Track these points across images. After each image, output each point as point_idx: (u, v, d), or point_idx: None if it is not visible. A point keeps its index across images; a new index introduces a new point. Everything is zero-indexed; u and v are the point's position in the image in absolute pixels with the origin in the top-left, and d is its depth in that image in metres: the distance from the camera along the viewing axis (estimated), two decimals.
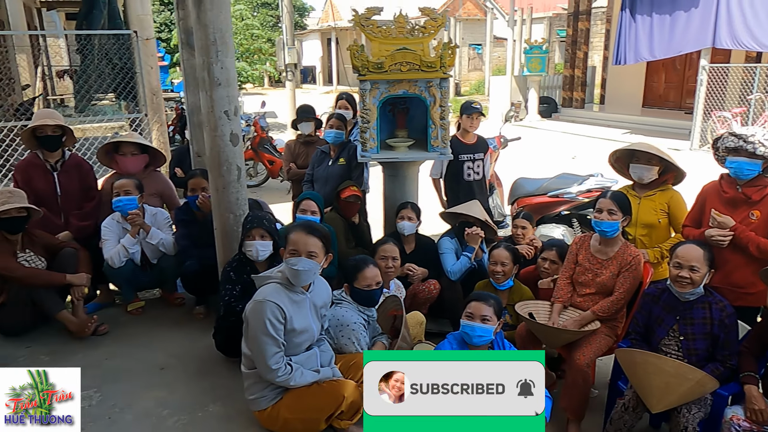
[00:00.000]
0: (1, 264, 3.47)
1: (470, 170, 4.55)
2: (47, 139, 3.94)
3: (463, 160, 4.53)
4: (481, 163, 4.56)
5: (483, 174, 4.61)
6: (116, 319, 3.88)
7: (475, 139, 4.63)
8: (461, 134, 4.60)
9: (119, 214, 3.84)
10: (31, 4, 16.82)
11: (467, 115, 4.53)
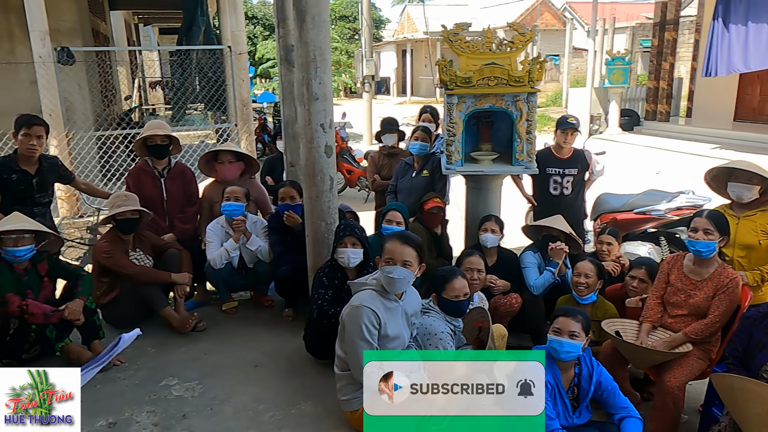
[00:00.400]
0: (117, 262, 3.80)
1: (557, 185, 4.51)
2: (157, 148, 4.28)
3: (550, 173, 4.50)
4: (572, 179, 4.48)
5: (575, 190, 4.52)
6: (212, 317, 4.14)
7: (570, 154, 4.52)
8: (555, 148, 4.55)
9: (224, 218, 4.11)
10: (130, 19, 18.07)
11: (561, 131, 4.46)
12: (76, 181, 4.46)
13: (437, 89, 28.03)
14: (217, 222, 4.17)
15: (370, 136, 14.84)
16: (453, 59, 4.23)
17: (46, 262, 3.53)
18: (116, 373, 3.40)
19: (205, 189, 4.57)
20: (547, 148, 4.62)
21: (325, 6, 3.46)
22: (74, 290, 3.51)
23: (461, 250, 4.30)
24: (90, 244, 5.36)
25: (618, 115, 15.15)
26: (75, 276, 3.59)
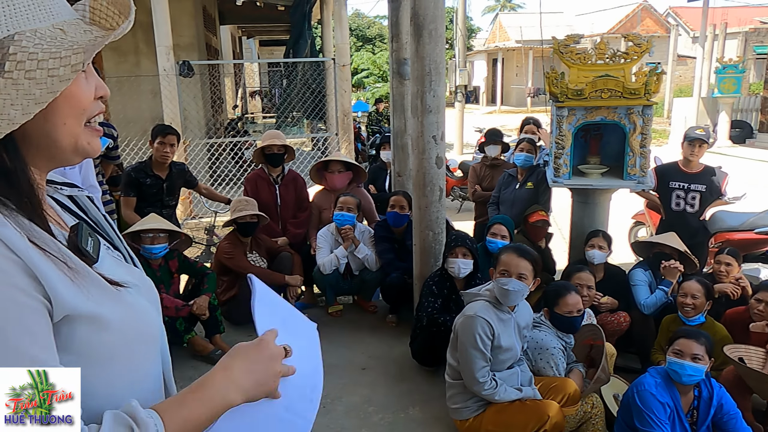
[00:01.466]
0: (237, 262, 4.07)
1: (680, 200, 4.32)
2: (273, 157, 4.55)
3: (673, 188, 4.31)
4: (698, 195, 4.28)
5: (701, 207, 4.32)
6: (319, 319, 4.31)
7: (700, 169, 4.31)
8: (683, 162, 4.36)
9: (334, 225, 4.30)
10: (236, 33, 19.16)
11: (689, 143, 4.26)
12: (199, 186, 4.83)
13: (528, 98, 27.52)
14: (328, 229, 4.36)
15: (461, 145, 14.83)
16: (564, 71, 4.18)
17: (177, 259, 3.85)
18: None
19: (314, 196, 4.79)
20: (674, 161, 4.44)
21: (441, 21, 3.56)
22: (200, 287, 3.81)
23: (567, 265, 4.24)
24: (207, 244, 5.74)
25: (728, 127, 14.21)
26: (201, 274, 3.89)
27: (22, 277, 0.68)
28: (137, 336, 0.84)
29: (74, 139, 0.79)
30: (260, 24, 16.63)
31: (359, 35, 37.84)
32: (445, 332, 3.15)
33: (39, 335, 0.68)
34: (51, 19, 0.73)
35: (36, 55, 0.68)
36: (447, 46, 29.41)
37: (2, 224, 0.69)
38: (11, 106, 0.68)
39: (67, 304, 0.71)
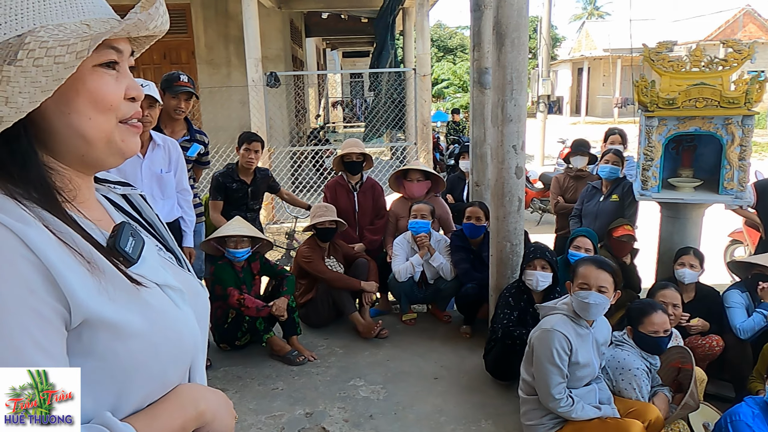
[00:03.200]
0: (315, 267, 4.18)
1: None
2: (352, 164, 4.64)
3: None
4: None
5: None
6: (393, 326, 4.35)
7: None
8: None
9: (410, 233, 4.32)
10: (320, 45, 19.75)
11: None
12: (281, 192, 5.00)
13: (616, 109, 26.44)
14: (404, 237, 4.39)
15: (542, 156, 14.48)
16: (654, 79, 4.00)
17: (259, 261, 4.00)
18: (311, 368, 3.73)
19: (392, 204, 4.84)
20: None
21: (524, 30, 3.51)
22: (280, 289, 3.94)
23: (653, 283, 4.03)
24: (287, 248, 5.94)
25: None
26: (281, 276, 4.02)
27: (38, 280, 0.66)
28: (166, 343, 0.80)
29: (105, 135, 0.78)
30: (344, 36, 17.06)
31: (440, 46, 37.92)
32: (520, 345, 3.08)
33: (44, 343, 0.66)
34: (80, 16, 0.74)
35: (46, 43, 0.68)
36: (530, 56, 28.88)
37: (26, 222, 0.68)
38: (19, 94, 0.68)
39: (85, 309, 0.69)
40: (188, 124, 3.89)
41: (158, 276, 0.83)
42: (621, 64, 26.67)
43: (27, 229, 0.67)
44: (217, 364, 3.76)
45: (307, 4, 10.33)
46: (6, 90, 0.67)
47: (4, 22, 0.69)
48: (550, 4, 14.50)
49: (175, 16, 9.37)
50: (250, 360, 3.80)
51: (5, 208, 0.68)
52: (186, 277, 0.93)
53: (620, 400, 2.80)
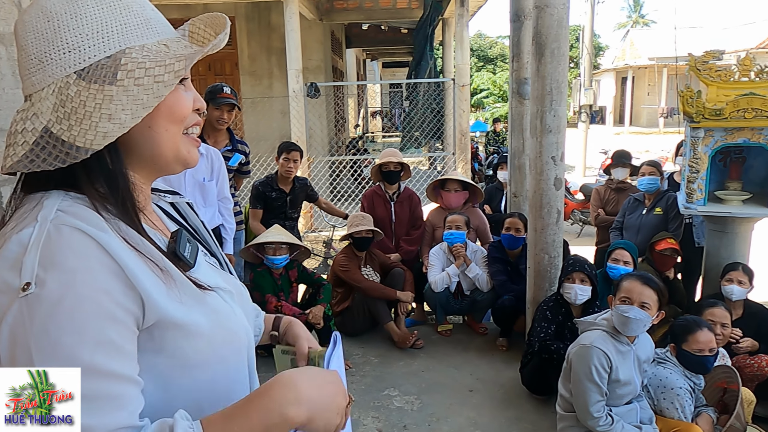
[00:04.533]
0: (351, 275, 4.20)
1: None
2: (390, 174, 4.66)
3: None
4: None
5: None
6: (428, 337, 4.33)
7: None
8: None
9: (446, 244, 4.31)
10: (360, 56, 19.95)
11: None
12: (319, 201, 5.06)
13: (661, 119, 25.76)
14: (440, 247, 4.37)
15: (584, 167, 14.22)
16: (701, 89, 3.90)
17: (296, 269, 4.06)
18: (346, 376, 3.73)
19: (429, 214, 4.83)
20: None
21: (565, 40, 3.47)
22: (316, 297, 3.98)
23: (699, 299, 3.90)
24: (325, 256, 5.99)
25: None
26: (318, 284, 4.07)
27: (115, 283, 0.71)
28: (225, 342, 0.85)
29: (175, 146, 0.84)
30: (384, 47, 17.20)
31: (480, 55, 37.77)
32: (557, 360, 3.03)
33: (118, 341, 0.70)
34: (156, 37, 0.81)
35: (144, 64, 0.75)
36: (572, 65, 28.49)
37: (103, 229, 0.73)
38: (122, 111, 0.74)
39: (159, 310, 0.75)
40: (230, 135, 3.98)
41: (211, 279, 0.88)
42: (667, 73, 26.00)
43: (105, 236, 0.72)
44: None
45: (348, 15, 10.47)
46: (110, 108, 0.74)
47: (93, 44, 0.75)
48: (593, 13, 14.28)
49: None
50: None
51: (86, 218, 0.73)
52: (231, 279, 0.99)
53: (662, 420, 2.71)
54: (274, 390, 0.76)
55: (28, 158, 0.74)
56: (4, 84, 2.80)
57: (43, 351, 0.66)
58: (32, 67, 0.76)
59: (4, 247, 0.71)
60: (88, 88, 0.74)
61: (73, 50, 0.75)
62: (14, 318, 0.67)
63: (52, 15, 0.75)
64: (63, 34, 0.75)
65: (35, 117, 0.76)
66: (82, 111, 0.74)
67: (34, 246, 0.69)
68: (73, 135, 0.74)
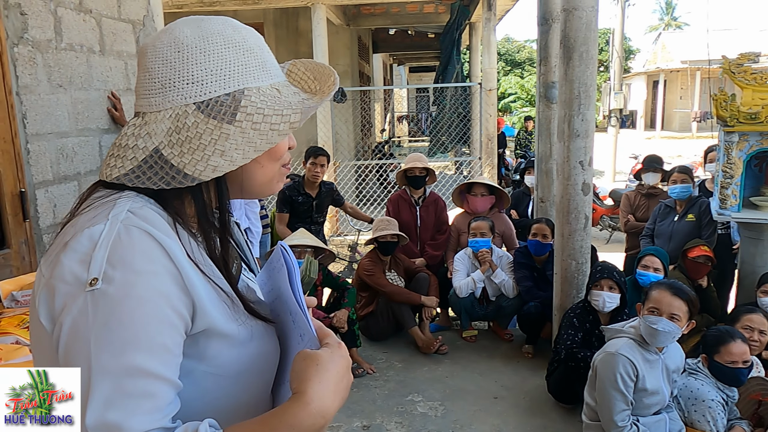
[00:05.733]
0: (376, 280, 4.20)
1: None
2: (415, 179, 4.65)
3: None
4: None
5: None
6: (453, 342, 4.30)
7: None
8: None
9: (470, 249, 4.28)
10: (387, 60, 20.00)
11: None
12: (345, 205, 5.08)
13: (695, 123, 25.19)
14: (465, 252, 4.34)
15: (613, 172, 13.99)
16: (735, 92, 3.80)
17: (321, 273, 4.07)
18: (369, 381, 3.74)
19: (455, 218, 4.81)
20: None
21: (594, 43, 3.42)
22: (341, 301, 3.99)
23: (734, 307, 3.79)
24: (350, 260, 6.00)
25: None
26: (342, 288, 4.07)
27: (174, 288, 0.74)
28: (261, 353, 0.87)
29: (268, 180, 0.89)
30: (411, 51, 17.22)
31: (508, 59, 37.51)
32: (584, 368, 2.97)
33: (170, 344, 0.73)
34: (270, 80, 0.84)
35: (263, 110, 0.80)
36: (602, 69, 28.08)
37: (168, 234, 0.76)
38: (235, 150, 0.78)
39: (210, 319, 0.77)
40: None
41: (248, 294, 0.90)
42: (700, 76, 25.43)
43: (170, 241, 0.76)
44: None
45: (375, 20, 10.51)
46: (224, 145, 0.78)
47: (215, 80, 0.80)
48: (624, 16, 14.06)
49: None
50: None
51: (154, 222, 0.76)
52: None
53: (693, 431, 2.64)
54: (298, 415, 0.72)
55: (135, 174, 0.79)
56: (40, 90, 2.88)
57: (100, 345, 0.69)
58: (154, 89, 0.81)
59: (75, 239, 0.73)
60: (207, 122, 0.78)
61: (196, 83, 0.79)
62: (79, 310, 0.69)
63: (183, 47, 0.80)
64: (190, 67, 0.79)
65: (148, 137, 0.80)
66: (197, 142, 0.78)
67: (104, 243, 0.72)
68: (183, 162, 0.78)
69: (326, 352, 0.78)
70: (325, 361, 0.76)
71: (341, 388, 0.77)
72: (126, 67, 3.76)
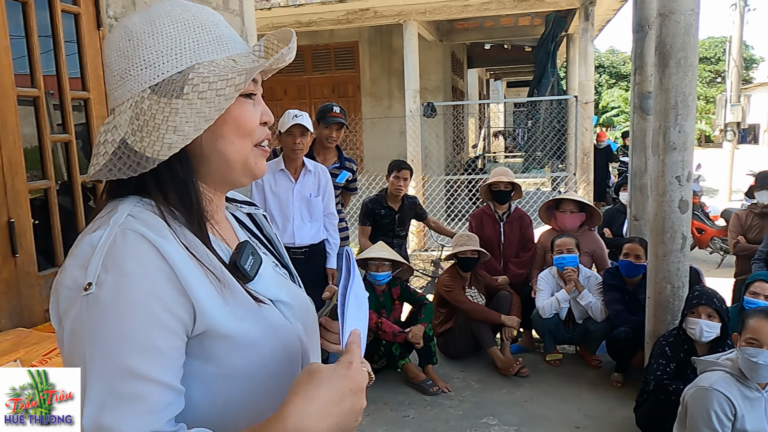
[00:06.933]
0: (455, 296, 4.11)
1: None
2: (500, 194, 4.52)
3: None
4: None
5: None
6: (535, 365, 4.10)
7: None
8: None
9: (555, 268, 4.08)
10: (483, 76, 19.83)
11: None
12: (428, 219, 5.04)
13: None
14: (549, 271, 4.15)
15: (729, 191, 12.87)
16: None
17: (399, 287, 4.05)
18: (444, 399, 3.65)
19: (541, 236, 4.62)
20: None
21: (693, 49, 3.17)
22: (418, 316, 3.94)
23: None
24: (432, 276, 5.94)
25: None
26: (420, 303, 4.03)
27: (170, 290, 0.73)
28: (278, 356, 0.84)
29: (243, 158, 0.86)
30: (508, 66, 16.94)
31: (612, 72, 35.91)
32: (675, 402, 2.70)
33: (163, 347, 0.72)
34: (226, 53, 0.83)
35: (208, 78, 0.78)
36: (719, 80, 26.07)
37: (164, 236, 0.75)
38: (186, 123, 0.77)
39: (210, 320, 0.75)
40: (339, 153, 4.10)
41: (271, 292, 0.89)
42: None
43: (165, 242, 0.75)
44: None
45: (468, 35, 10.46)
46: (175, 120, 0.78)
47: (167, 61, 0.80)
48: (743, 22, 12.98)
49: (344, 54, 10.11)
50: (385, 384, 3.83)
51: (150, 224, 0.76)
52: (297, 292, 0.98)
53: None
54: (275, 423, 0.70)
55: (107, 167, 0.80)
56: None
57: (92, 348, 0.70)
58: (115, 82, 0.82)
59: (77, 246, 0.76)
60: (158, 101, 0.78)
61: (149, 66, 0.79)
62: (76, 314, 0.71)
63: (133, 34, 0.81)
64: (141, 52, 0.80)
65: (115, 129, 0.81)
66: (152, 123, 0.78)
67: (101, 248, 0.73)
68: (143, 146, 0.78)
69: (328, 369, 0.74)
70: (322, 378, 0.72)
71: (336, 411, 0.72)
72: None
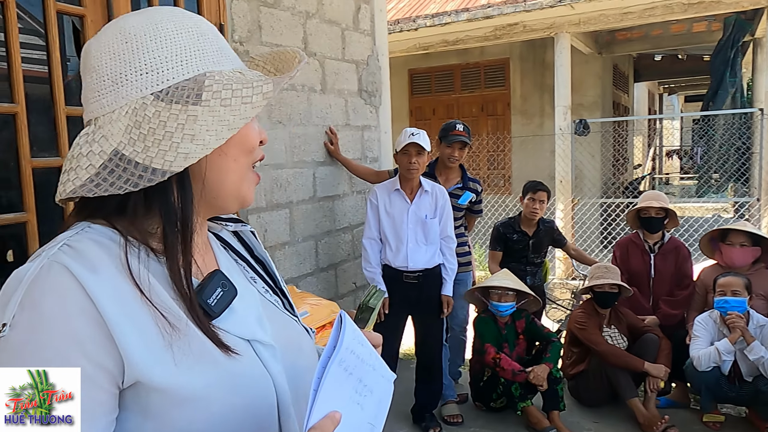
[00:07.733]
0: (588, 335, 3.64)
1: None
2: (650, 221, 3.95)
3: None
4: None
5: None
6: (688, 426, 3.46)
7: None
8: None
9: (717, 312, 3.43)
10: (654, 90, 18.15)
11: None
12: (568, 246, 4.57)
13: None
14: (710, 315, 3.48)
15: None
16: None
17: (524, 320, 3.70)
18: None
19: (701, 272, 3.93)
20: None
21: None
22: (543, 354, 3.55)
23: None
24: (571, 309, 5.41)
25: None
26: (547, 340, 3.63)
27: (93, 333, 0.64)
28: (231, 413, 0.71)
29: (240, 180, 0.79)
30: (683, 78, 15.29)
31: None
32: None
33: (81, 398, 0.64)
34: (231, 65, 0.78)
35: (230, 85, 0.72)
36: None
37: (95, 270, 0.66)
38: (206, 132, 0.71)
39: (138, 370, 0.66)
40: (463, 172, 3.87)
41: (247, 330, 0.78)
42: None
43: (95, 278, 0.66)
44: (469, 423, 3.56)
45: (632, 46, 9.56)
46: (193, 128, 0.71)
47: (171, 67, 0.73)
48: None
49: (494, 71, 9.83)
50: (503, 426, 3.49)
51: (86, 255, 0.67)
52: (288, 325, 0.87)
53: None
54: None
55: (94, 182, 0.70)
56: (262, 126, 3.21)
57: None
58: (104, 88, 0.73)
59: (7, 281, 0.68)
60: (169, 108, 0.71)
61: (151, 72, 0.72)
62: None
63: (131, 36, 0.73)
64: (141, 56, 0.72)
65: (104, 140, 0.72)
66: (161, 131, 0.70)
67: (25, 283, 0.65)
68: (149, 156, 0.70)
69: None
70: None
71: None
72: (346, 104, 4.01)
